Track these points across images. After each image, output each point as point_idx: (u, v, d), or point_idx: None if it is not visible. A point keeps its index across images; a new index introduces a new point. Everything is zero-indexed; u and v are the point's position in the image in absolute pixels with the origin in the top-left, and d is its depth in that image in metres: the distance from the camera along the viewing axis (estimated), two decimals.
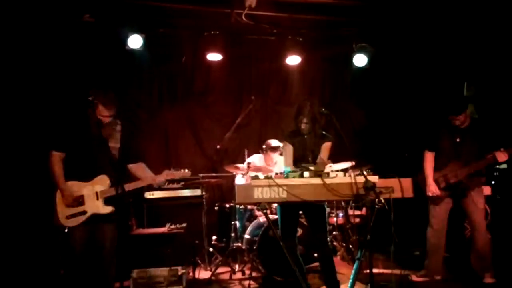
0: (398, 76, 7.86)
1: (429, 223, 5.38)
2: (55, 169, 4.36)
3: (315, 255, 5.48)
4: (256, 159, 6.64)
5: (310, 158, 4.61)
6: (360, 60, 7.36)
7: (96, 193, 4.38)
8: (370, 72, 7.68)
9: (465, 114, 5.14)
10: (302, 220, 5.52)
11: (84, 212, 4.35)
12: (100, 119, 4.33)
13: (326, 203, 4.78)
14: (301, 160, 4.52)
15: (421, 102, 7.51)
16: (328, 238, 6.39)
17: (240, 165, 6.35)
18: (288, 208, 4.66)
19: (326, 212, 4.71)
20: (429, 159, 5.35)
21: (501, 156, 4.94)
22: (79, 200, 4.35)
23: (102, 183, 4.40)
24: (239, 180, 6.49)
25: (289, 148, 4.80)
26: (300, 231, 5.58)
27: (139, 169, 4.66)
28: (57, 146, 4.41)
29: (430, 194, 5.23)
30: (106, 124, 4.40)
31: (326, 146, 4.77)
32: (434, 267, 5.38)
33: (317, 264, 5.46)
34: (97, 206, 4.38)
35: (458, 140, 5.18)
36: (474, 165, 5.08)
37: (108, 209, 4.40)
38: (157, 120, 7.69)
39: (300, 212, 4.91)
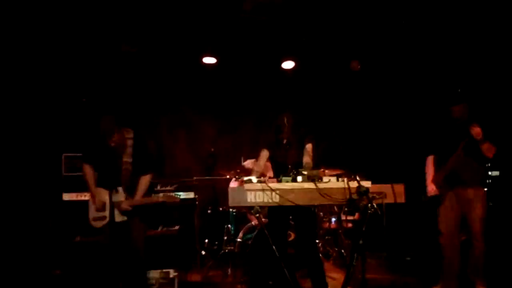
0: (392, 81, 7.89)
1: (439, 230, 5.19)
2: (86, 178, 4.79)
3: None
4: (250, 164, 6.62)
5: (289, 167, 4.58)
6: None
7: (114, 202, 4.61)
8: (363, 77, 7.72)
9: (463, 106, 5.12)
10: None
11: (105, 217, 4.63)
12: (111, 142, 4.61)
13: (315, 209, 4.79)
14: (282, 171, 4.51)
15: (415, 107, 7.55)
16: (321, 243, 6.47)
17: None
18: (277, 212, 4.67)
19: (319, 217, 4.71)
20: (429, 162, 5.31)
21: (474, 130, 4.81)
22: (104, 206, 4.64)
23: (119, 193, 4.65)
24: (234, 183, 6.48)
25: (265, 154, 4.87)
26: (292, 235, 5.59)
27: (138, 183, 4.78)
28: (85, 159, 4.84)
29: (428, 194, 5.14)
30: (118, 144, 4.63)
31: (308, 147, 4.79)
32: (450, 276, 5.13)
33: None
34: (114, 214, 4.60)
35: (456, 135, 5.05)
36: (459, 147, 5.00)
37: (122, 218, 4.62)
38: (152, 123, 7.69)
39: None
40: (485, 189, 5.18)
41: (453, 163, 5.03)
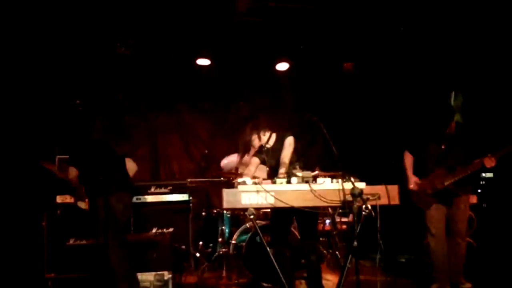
0: (386, 84, 7.91)
1: (428, 231, 5.16)
2: None
3: (302, 261, 5.46)
4: (233, 158, 6.56)
5: (268, 170, 4.65)
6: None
7: None
8: (358, 80, 7.74)
9: (453, 123, 5.13)
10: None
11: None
12: None
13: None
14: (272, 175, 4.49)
15: (408, 110, 7.56)
16: None
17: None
18: (281, 213, 4.61)
19: None
20: (407, 158, 5.29)
21: (489, 162, 4.80)
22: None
23: None
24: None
25: (256, 161, 4.75)
26: None
27: None
28: None
29: (410, 186, 5.14)
30: None
31: (286, 141, 4.58)
32: (444, 277, 5.12)
33: (304, 270, 5.44)
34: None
35: (443, 147, 5.10)
36: (461, 170, 4.95)
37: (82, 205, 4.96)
38: (146, 125, 7.68)
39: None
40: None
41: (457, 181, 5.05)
